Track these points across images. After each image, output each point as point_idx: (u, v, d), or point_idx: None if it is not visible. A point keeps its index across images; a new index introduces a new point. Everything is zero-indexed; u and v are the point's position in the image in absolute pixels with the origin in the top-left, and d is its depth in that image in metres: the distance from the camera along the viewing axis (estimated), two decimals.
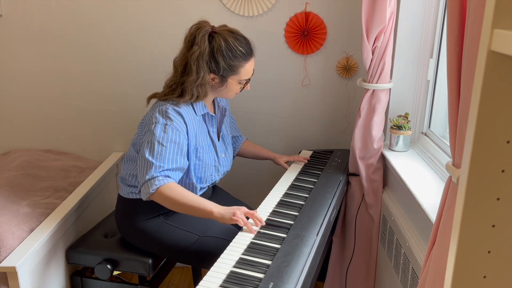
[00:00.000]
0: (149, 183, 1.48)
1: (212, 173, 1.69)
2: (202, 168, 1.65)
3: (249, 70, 1.63)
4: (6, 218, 1.60)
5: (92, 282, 1.77)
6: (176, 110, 1.55)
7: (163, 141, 1.50)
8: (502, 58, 0.54)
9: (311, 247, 1.36)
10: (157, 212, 1.64)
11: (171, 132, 1.52)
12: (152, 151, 1.50)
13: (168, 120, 1.52)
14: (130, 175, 1.66)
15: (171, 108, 1.55)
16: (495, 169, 0.59)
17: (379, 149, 1.87)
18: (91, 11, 2.12)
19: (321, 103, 2.24)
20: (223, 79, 1.59)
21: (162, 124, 1.52)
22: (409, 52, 1.86)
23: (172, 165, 1.51)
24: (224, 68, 1.56)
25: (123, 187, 1.68)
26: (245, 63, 1.60)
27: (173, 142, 1.52)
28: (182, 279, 2.43)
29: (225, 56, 1.54)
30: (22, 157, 2.13)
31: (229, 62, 1.56)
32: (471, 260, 0.63)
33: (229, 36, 1.56)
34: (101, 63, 2.19)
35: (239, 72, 1.60)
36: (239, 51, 1.56)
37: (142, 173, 1.51)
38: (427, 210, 1.37)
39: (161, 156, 1.49)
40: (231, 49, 1.55)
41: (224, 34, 1.56)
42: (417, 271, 1.45)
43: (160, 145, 1.50)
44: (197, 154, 1.62)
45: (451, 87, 0.95)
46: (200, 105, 1.63)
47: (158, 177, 1.48)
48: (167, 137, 1.51)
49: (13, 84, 2.23)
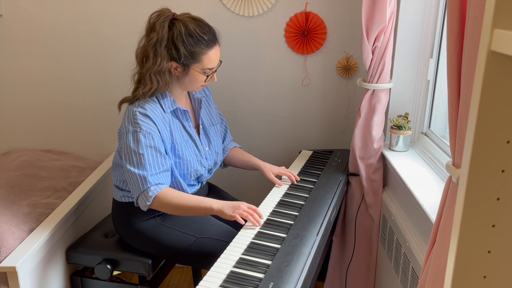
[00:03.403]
0: (144, 196, 1.48)
1: (196, 168, 1.65)
2: (184, 165, 1.61)
3: (213, 59, 1.56)
4: (6, 218, 1.60)
5: (92, 282, 1.77)
6: (142, 113, 1.50)
7: (138, 149, 1.48)
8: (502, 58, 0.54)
9: (311, 247, 1.36)
10: (152, 213, 1.64)
11: (143, 138, 1.48)
12: (132, 162, 1.49)
13: (137, 126, 1.49)
14: (120, 180, 1.66)
15: (137, 113, 1.50)
16: (495, 169, 0.59)
17: (379, 149, 1.87)
18: (91, 11, 2.12)
19: (321, 103, 2.24)
20: (186, 67, 1.53)
21: (132, 133, 1.49)
22: (409, 52, 1.86)
23: (156, 170, 1.50)
24: (185, 55, 1.50)
25: (116, 192, 1.69)
26: (208, 50, 1.53)
27: (149, 147, 1.49)
28: (182, 279, 2.43)
29: (185, 42, 1.49)
30: (22, 157, 2.13)
31: (190, 48, 1.50)
32: (471, 260, 0.63)
33: (190, 23, 1.51)
34: (101, 63, 2.19)
35: (202, 60, 1.53)
36: (201, 37, 1.51)
37: (132, 187, 1.51)
38: (427, 210, 1.37)
39: (142, 164, 1.47)
40: (192, 35, 1.50)
41: (185, 21, 1.51)
42: (417, 271, 1.45)
43: (137, 154, 1.48)
44: (175, 152, 1.59)
45: (451, 87, 0.95)
46: (168, 101, 1.58)
47: (150, 188, 1.47)
48: (141, 144, 1.48)
49: (13, 84, 2.23)
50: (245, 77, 2.21)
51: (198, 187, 1.74)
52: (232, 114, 2.25)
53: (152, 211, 1.64)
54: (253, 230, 1.44)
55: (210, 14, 2.09)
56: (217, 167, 1.81)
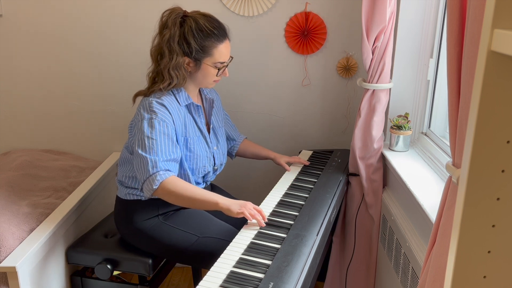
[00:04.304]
0: (151, 180, 1.48)
1: (204, 164, 1.67)
2: (194, 159, 1.63)
3: (224, 52, 1.61)
4: (6, 218, 1.60)
5: (92, 282, 1.77)
6: (159, 102, 1.54)
7: (152, 135, 1.50)
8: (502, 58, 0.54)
9: (311, 247, 1.36)
10: (155, 212, 1.64)
11: (157, 124, 1.51)
12: (144, 147, 1.50)
13: (153, 113, 1.52)
14: (126, 177, 1.66)
15: (154, 101, 1.54)
16: (495, 169, 0.59)
17: (379, 149, 1.87)
18: (91, 11, 2.12)
19: (321, 103, 2.24)
20: (198, 62, 1.58)
21: (147, 119, 1.52)
22: (409, 52, 1.86)
23: (167, 156, 1.51)
24: (196, 50, 1.55)
25: (120, 189, 1.69)
26: (218, 44, 1.58)
27: (162, 133, 1.51)
28: (182, 279, 2.43)
29: (196, 36, 1.54)
30: (22, 157, 2.13)
31: (200, 42, 1.54)
32: (471, 260, 0.63)
33: (200, 18, 1.56)
34: (101, 63, 2.19)
35: (213, 53, 1.58)
36: (211, 31, 1.55)
37: (140, 171, 1.51)
38: (427, 210, 1.37)
39: (154, 149, 1.49)
40: (202, 29, 1.54)
41: (195, 17, 1.56)
42: (417, 271, 1.45)
43: (150, 139, 1.50)
44: (187, 145, 1.62)
45: (451, 87, 0.95)
46: (183, 95, 1.62)
47: (159, 172, 1.48)
48: (155, 130, 1.50)
49: (13, 84, 2.23)
50: (245, 77, 2.21)
51: (202, 186, 1.75)
52: (232, 114, 2.25)
53: (156, 210, 1.64)
54: (253, 230, 1.44)
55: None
56: (221, 169, 1.84)
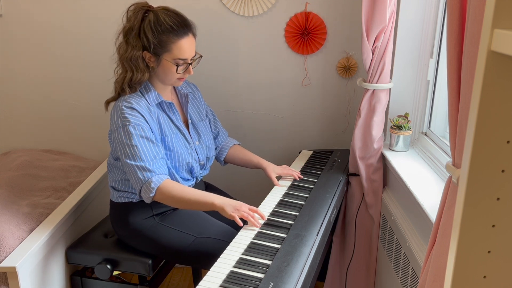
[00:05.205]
0: (145, 188, 1.49)
1: (188, 160, 1.66)
2: (175, 157, 1.63)
3: (184, 49, 1.55)
4: (6, 218, 1.60)
5: (92, 282, 1.77)
6: (128, 107, 1.53)
7: (131, 142, 1.50)
8: (502, 58, 0.54)
9: (311, 247, 1.36)
10: (150, 213, 1.64)
11: (132, 130, 1.51)
12: (127, 155, 1.51)
13: (125, 120, 1.51)
14: (116, 181, 1.66)
15: (123, 107, 1.53)
16: (495, 169, 0.59)
17: (379, 149, 1.87)
18: (91, 11, 2.12)
19: (321, 103, 2.24)
20: (157, 57, 1.56)
21: (122, 127, 1.51)
22: (409, 52, 1.86)
23: (152, 158, 1.51)
24: (154, 44, 1.53)
25: (112, 193, 1.69)
26: (177, 39, 1.54)
27: (140, 137, 1.51)
28: (182, 279, 2.43)
29: (153, 30, 1.52)
30: (22, 157, 2.13)
31: (158, 37, 1.52)
32: (471, 260, 0.63)
33: (162, 13, 1.54)
34: (101, 63, 2.19)
35: (171, 49, 1.54)
36: (169, 26, 1.52)
37: (133, 180, 1.52)
38: (427, 210, 1.37)
39: (137, 155, 1.49)
40: (160, 24, 1.52)
41: (157, 11, 1.55)
42: (417, 271, 1.45)
43: (130, 146, 1.50)
44: (165, 144, 1.61)
45: (451, 87, 0.95)
46: (152, 95, 1.61)
47: (151, 179, 1.49)
48: (132, 136, 1.50)
49: (13, 84, 2.23)
50: (245, 77, 2.21)
51: (192, 182, 1.73)
52: (232, 114, 2.25)
53: (150, 210, 1.64)
54: (253, 230, 1.44)
55: (210, 14, 2.09)
56: (211, 163, 1.81)
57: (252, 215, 1.46)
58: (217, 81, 2.20)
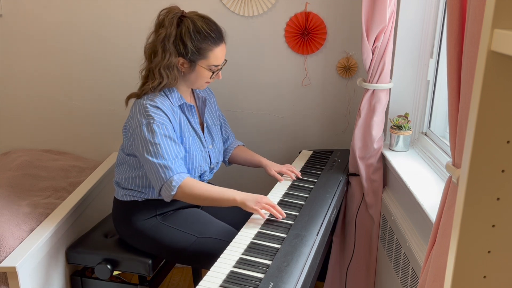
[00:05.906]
0: (167, 186, 1.50)
1: (201, 164, 1.67)
2: (190, 160, 1.63)
3: (219, 56, 1.60)
4: (6, 218, 1.60)
5: (92, 282, 1.77)
6: (153, 105, 1.54)
7: (154, 139, 1.51)
8: (502, 58, 0.54)
9: (311, 247, 1.36)
10: (153, 212, 1.65)
11: (157, 128, 1.51)
12: (149, 152, 1.51)
13: (150, 118, 1.52)
14: (123, 178, 1.66)
15: (148, 105, 1.53)
16: (495, 169, 0.59)
17: (379, 149, 1.87)
18: (92, 12, 2.12)
19: (321, 103, 2.24)
20: (192, 63, 1.57)
21: (146, 125, 1.52)
22: (409, 52, 1.86)
23: (174, 157, 1.52)
24: (192, 51, 1.54)
25: (117, 190, 1.69)
26: (214, 47, 1.57)
27: (163, 136, 1.52)
28: (182, 279, 2.43)
29: (193, 38, 1.53)
30: (22, 157, 2.13)
31: (197, 44, 1.54)
32: (471, 260, 0.63)
33: (198, 20, 1.55)
34: (101, 63, 2.19)
35: (208, 56, 1.57)
36: (208, 34, 1.54)
37: (154, 178, 1.52)
38: (427, 210, 1.37)
39: (160, 153, 1.50)
40: (200, 32, 1.53)
41: (193, 18, 1.55)
42: (417, 271, 1.45)
43: (153, 144, 1.51)
44: (183, 145, 1.62)
45: (451, 87, 0.95)
46: (175, 96, 1.61)
47: (173, 177, 1.49)
48: (156, 134, 1.51)
49: (13, 84, 2.23)
50: (245, 77, 2.21)
51: None
52: (232, 114, 2.25)
53: (153, 210, 1.64)
54: (253, 230, 1.44)
55: (210, 14, 2.08)
56: (218, 167, 1.83)
57: (273, 205, 1.49)
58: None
